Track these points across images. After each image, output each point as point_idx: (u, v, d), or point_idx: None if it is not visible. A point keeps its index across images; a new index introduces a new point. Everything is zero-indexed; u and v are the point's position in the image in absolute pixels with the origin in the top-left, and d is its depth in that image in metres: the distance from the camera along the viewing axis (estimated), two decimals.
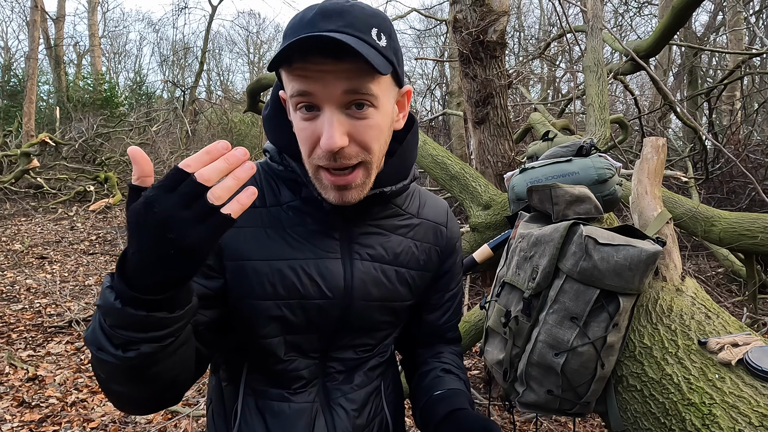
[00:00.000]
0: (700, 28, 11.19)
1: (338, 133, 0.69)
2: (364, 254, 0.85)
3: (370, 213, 0.85)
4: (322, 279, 0.81)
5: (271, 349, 0.83)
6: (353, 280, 0.83)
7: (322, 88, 0.68)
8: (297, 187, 0.81)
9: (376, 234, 0.86)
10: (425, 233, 0.93)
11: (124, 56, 25.33)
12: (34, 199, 9.50)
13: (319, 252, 0.81)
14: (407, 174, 0.87)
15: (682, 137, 8.73)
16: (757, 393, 0.81)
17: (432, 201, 0.97)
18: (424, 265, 0.93)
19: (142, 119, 13.32)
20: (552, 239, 0.98)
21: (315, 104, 0.70)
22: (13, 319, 4.16)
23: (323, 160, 0.72)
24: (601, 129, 2.68)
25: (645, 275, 0.93)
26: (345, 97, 0.69)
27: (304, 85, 0.68)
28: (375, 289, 0.86)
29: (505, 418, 2.76)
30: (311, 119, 0.71)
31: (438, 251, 0.95)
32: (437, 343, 1.05)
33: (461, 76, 3.14)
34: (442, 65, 11.23)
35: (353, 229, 0.84)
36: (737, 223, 2.59)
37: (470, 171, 2.67)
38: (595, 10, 3.12)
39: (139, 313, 0.56)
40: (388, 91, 0.75)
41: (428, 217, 0.94)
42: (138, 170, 0.56)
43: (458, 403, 0.89)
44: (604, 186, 1.40)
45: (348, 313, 0.85)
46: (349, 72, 0.68)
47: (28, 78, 11.66)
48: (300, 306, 0.81)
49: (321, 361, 0.88)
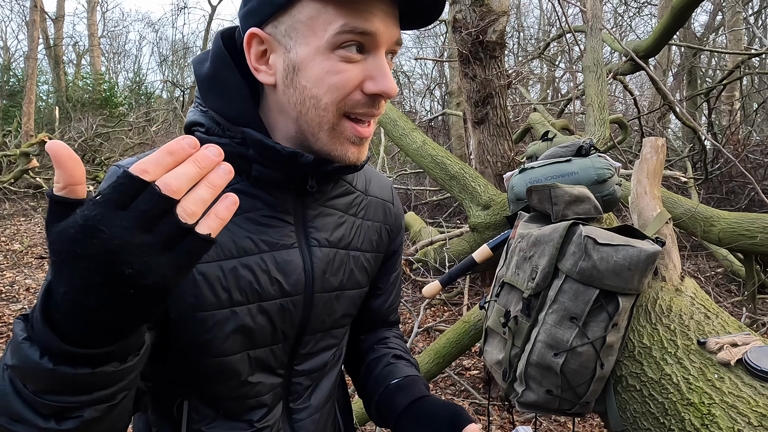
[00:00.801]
0: (700, 28, 11.21)
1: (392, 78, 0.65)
2: (321, 239, 0.75)
3: (324, 192, 0.75)
4: (281, 274, 0.70)
5: (232, 369, 0.69)
6: (313, 270, 0.73)
7: (385, 30, 0.63)
8: (244, 164, 0.67)
9: (330, 215, 0.77)
10: (375, 211, 0.85)
11: (124, 56, 25.32)
12: (34, 199, 9.50)
13: (275, 242, 0.70)
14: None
15: (682, 137, 8.73)
16: (756, 393, 0.81)
17: (377, 177, 0.89)
18: (376, 246, 0.85)
19: (141, 119, 13.32)
20: (551, 239, 0.99)
21: (368, 46, 0.63)
22: (12, 319, 4.16)
23: (361, 107, 0.65)
24: (601, 129, 2.68)
25: (644, 275, 0.93)
26: (394, 46, 0.66)
27: (370, 25, 0.61)
28: (334, 279, 0.77)
29: (505, 418, 2.76)
30: (357, 61, 0.63)
31: (388, 230, 0.87)
32: (380, 328, 0.97)
33: (461, 76, 3.14)
34: (442, 65, 11.23)
35: (307, 211, 0.74)
36: (736, 223, 2.59)
37: (470, 171, 2.67)
38: (595, 10, 3.12)
39: (81, 372, 0.43)
40: None
41: (376, 194, 0.86)
42: (64, 175, 0.40)
43: (419, 391, 0.82)
44: (603, 186, 1.40)
45: (310, 309, 0.75)
46: (396, 18, 0.65)
47: (28, 78, 11.65)
48: (260, 310, 0.69)
49: (286, 379, 0.77)
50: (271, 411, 0.75)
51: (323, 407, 0.82)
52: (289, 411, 0.78)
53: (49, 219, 0.41)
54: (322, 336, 0.79)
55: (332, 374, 0.84)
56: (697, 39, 9.71)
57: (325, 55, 0.62)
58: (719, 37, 10.38)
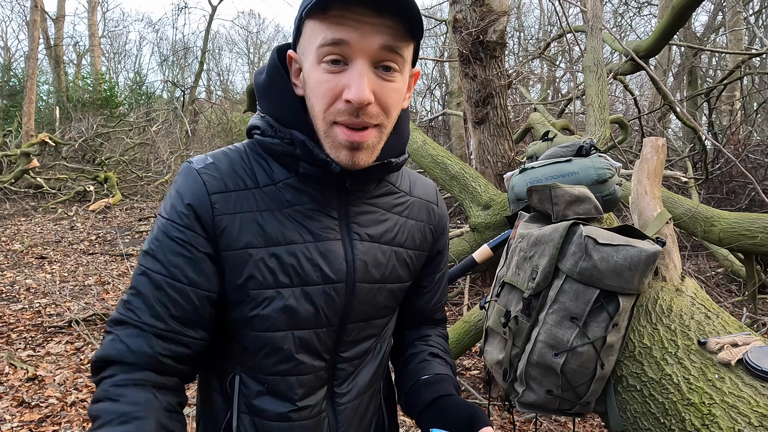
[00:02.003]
0: (700, 28, 11.20)
1: (368, 88, 0.68)
2: (363, 234, 0.81)
3: (367, 191, 0.82)
4: (324, 262, 0.77)
5: (276, 345, 0.77)
6: (355, 261, 0.80)
7: (360, 39, 0.66)
8: (292, 162, 0.76)
9: (373, 213, 0.83)
10: (419, 211, 0.90)
11: (124, 56, 25.35)
12: (34, 199, 9.50)
13: (319, 233, 0.77)
14: (404, 149, 0.84)
15: (682, 137, 8.73)
16: (756, 393, 0.81)
17: (421, 180, 0.95)
18: (420, 245, 0.90)
19: (141, 119, 13.32)
20: (552, 239, 0.98)
21: (345, 57, 0.68)
22: (12, 319, 4.16)
23: (343, 115, 0.69)
24: (601, 129, 2.68)
25: (645, 275, 0.93)
26: (379, 53, 0.68)
27: (340, 34, 0.66)
28: (376, 271, 0.83)
29: (505, 418, 2.76)
30: (337, 72, 0.68)
31: (432, 230, 0.93)
32: (425, 326, 1.03)
33: (461, 76, 3.14)
34: (442, 65, 11.23)
35: (350, 207, 0.81)
36: (737, 223, 2.59)
37: (470, 171, 2.67)
38: (595, 10, 3.12)
39: None
40: (408, 63, 0.74)
41: (420, 195, 0.92)
42: None
43: (444, 389, 0.88)
44: (603, 186, 1.40)
45: (352, 298, 0.81)
46: (387, 27, 0.67)
47: (28, 78, 11.65)
48: (303, 293, 0.76)
49: (330, 364, 0.83)
50: (314, 392, 0.81)
51: (364, 393, 0.88)
52: (332, 395, 0.84)
53: None
54: (364, 325, 0.85)
55: (374, 363, 0.90)
56: (698, 39, 9.70)
57: (314, 67, 0.70)
58: (720, 37, 10.38)
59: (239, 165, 0.77)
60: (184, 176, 0.76)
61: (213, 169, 0.75)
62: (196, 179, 0.74)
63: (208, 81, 23.86)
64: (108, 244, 6.92)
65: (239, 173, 0.76)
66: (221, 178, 0.75)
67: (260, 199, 0.76)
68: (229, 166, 0.76)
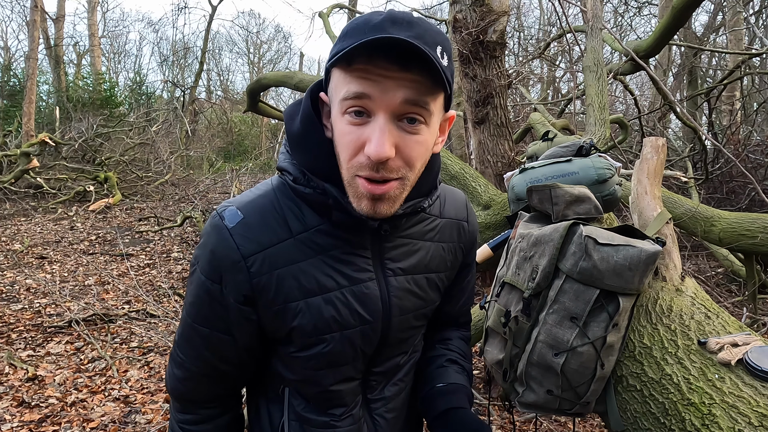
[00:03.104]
0: (700, 28, 11.20)
1: (389, 143, 0.66)
2: (396, 269, 0.83)
3: (399, 225, 0.82)
4: (361, 306, 0.79)
5: (315, 380, 0.82)
6: (390, 298, 0.82)
7: (382, 93, 0.65)
8: (325, 209, 0.76)
9: (405, 245, 0.84)
10: (450, 233, 0.91)
11: (124, 56, 25.35)
12: (34, 199, 9.50)
13: (354, 276, 0.79)
14: (435, 184, 0.84)
15: (682, 137, 8.73)
16: (756, 393, 0.81)
17: (451, 196, 0.94)
18: (450, 265, 0.92)
19: (141, 119, 13.31)
20: (552, 239, 0.98)
21: (367, 110, 0.67)
22: (12, 319, 4.16)
23: (365, 169, 0.69)
24: (601, 129, 2.68)
25: (645, 275, 0.93)
26: (402, 107, 0.67)
27: (363, 87, 0.65)
28: (409, 302, 0.85)
29: (505, 418, 2.76)
30: (360, 125, 0.68)
31: (462, 248, 0.94)
32: (449, 328, 1.05)
33: (461, 76, 3.14)
34: None
35: (384, 245, 0.82)
36: (737, 223, 2.59)
37: (470, 171, 2.67)
38: (595, 10, 3.12)
39: None
40: (439, 111, 0.73)
41: (450, 216, 0.92)
42: None
43: (457, 401, 0.90)
44: (603, 186, 1.40)
45: (388, 331, 0.84)
46: (411, 82, 0.66)
47: (28, 78, 11.65)
48: (342, 337, 0.79)
49: (363, 379, 0.88)
50: (350, 404, 0.86)
51: (397, 396, 0.92)
52: (367, 401, 0.89)
53: None
54: (398, 346, 0.89)
55: (404, 370, 0.93)
56: (698, 39, 9.70)
57: (339, 117, 0.70)
58: (720, 36, 10.38)
59: (271, 215, 0.77)
60: (216, 236, 0.75)
61: (245, 229, 0.75)
62: (229, 243, 0.74)
63: (208, 81, 23.88)
64: (108, 244, 6.92)
65: (272, 226, 0.76)
66: (254, 238, 0.75)
67: (294, 249, 0.76)
68: (261, 220, 0.76)
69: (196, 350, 0.81)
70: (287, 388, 0.86)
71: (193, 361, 0.82)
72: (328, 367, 0.81)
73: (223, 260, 0.75)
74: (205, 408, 0.86)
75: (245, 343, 0.81)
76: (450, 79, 0.69)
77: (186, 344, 0.82)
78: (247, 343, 0.81)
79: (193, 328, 0.80)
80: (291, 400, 0.86)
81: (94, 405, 2.93)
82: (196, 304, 0.79)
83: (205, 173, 13.29)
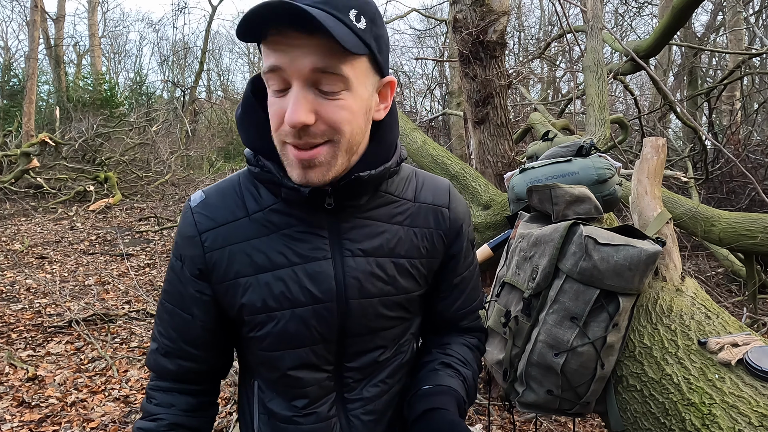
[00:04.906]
0: (700, 28, 11.20)
1: (303, 110, 0.67)
2: (355, 250, 0.81)
3: (358, 206, 0.81)
4: (312, 283, 0.79)
5: (273, 363, 0.82)
6: (345, 279, 0.80)
7: (291, 63, 0.66)
8: (276, 188, 0.78)
9: (368, 226, 0.82)
10: (425, 218, 0.87)
11: (124, 56, 25.33)
12: (34, 199, 9.50)
13: (306, 255, 0.79)
14: (388, 156, 0.80)
15: (682, 137, 8.73)
16: (756, 393, 0.81)
17: (430, 182, 0.91)
18: (427, 252, 0.87)
19: (142, 119, 13.32)
20: (552, 239, 0.98)
21: (285, 81, 0.68)
22: (12, 319, 4.16)
23: (289, 136, 0.70)
24: (601, 129, 2.68)
25: (645, 275, 0.93)
26: (313, 75, 0.66)
27: (275, 60, 0.67)
28: (372, 286, 0.82)
29: (505, 418, 2.76)
30: (282, 96, 0.69)
31: (442, 235, 0.89)
32: (450, 333, 0.99)
33: (461, 76, 3.14)
34: (442, 65, 11.23)
35: (341, 224, 0.80)
36: (737, 223, 2.59)
37: (470, 171, 2.67)
38: (595, 10, 3.12)
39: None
40: (365, 76, 0.71)
41: (426, 201, 0.88)
42: None
43: (438, 402, 0.84)
44: (604, 186, 1.40)
45: (347, 315, 0.81)
46: (319, 48, 0.65)
47: (28, 78, 11.65)
48: (294, 315, 0.79)
49: (336, 374, 0.85)
50: (320, 400, 0.85)
51: (377, 399, 0.88)
52: (343, 400, 0.87)
53: None
54: (369, 338, 0.85)
55: (387, 370, 0.89)
56: (698, 39, 9.70)
57: (269, 92, 0.72)
58: (720, 36, 10.38)
59: (231, 197, 0.81)
60: (182, 217, 0.82)
61: (204, 208, 0.81)
62: (189, 221, 0.81)
63: (208, 81, 23.88)
64: (108, 244, 6.92)
65: (229, 206, 0.81)
66: (211, 216, 0.80)
67: (249, 228, 0.80)
68: (221, 200, 0.81)
69: (164, 327, 0.86)
70: (256, 381, 0.88)
71: (162, 337, 0.86)
72: (283, 347, 0.81)
73: (184, 237, 0.81)
74: (174, 382, 0.88)
75: (205, 323, 0.83)
76: (370, 41, 0.69)
77: (158, 320, 0.87)
78: (207, 323, 0.83)
79: (162, 305, 0.86)
80: (259, 393, 0.87)
81: (94, 405, 2.93)
82: (166, 281, 0.85)
83: (205, 173, 13.30)
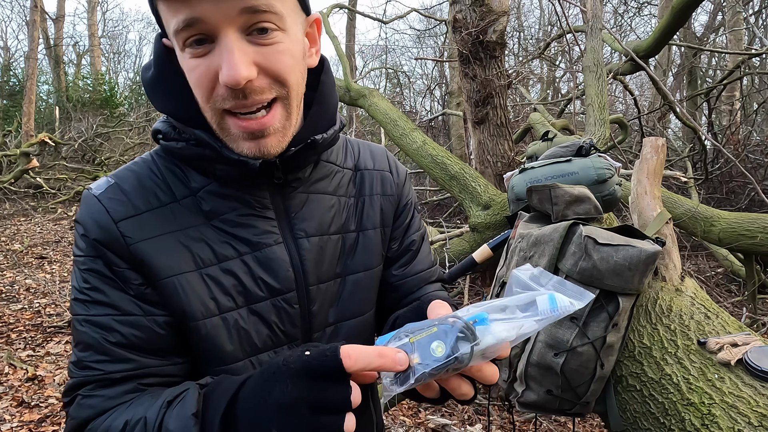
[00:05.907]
0: (700, 28, 11.20)
1: (243, 62, 0.56)
2: (309, 229, 0.71)
3: (303, 179, 0.71)
4: (267, 273, 0.67)
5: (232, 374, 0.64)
6: (303, 264, 0.70)
7: (215, 9, 0.55)
8: (209, 165, 0.65)
9: (316, 201, 0.72)
10: (371, 185, 0.80)
11: (124, 56, 25.35)
12: (34, 199, 9.50)
13: (256, 241, 0.67)
14: (333, 119, 0.72)
15: (682, 137, 8.73)
16: (756, 393, 0.81)
17: (366, 148, 0.83)
18: (381, 221, 0.80)
19: (141, 119, 13.30)
20: (551, 239, 0.98)
21: (207, 34, 0.56)
22: (12, 319, 4.16)
23: (228, 101, 0.58)
24: (601, 129, 2.68)
25: (644, 275, 0.93)
26: (244, 17, 0.56)
27: (191, 11, 0.55)
28: (332, 266, 0.73)
29: (505, 418, 2.76)
30: (205, 54, 0.57)
31: (391, 200, 0.82)
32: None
33: (461, 76, 3.14)
34: (442, 65, 11.23)
35: (288, 203, 0.70)
36: (737, 223, 2.59)
37: (470, 171, 2.67)
38: (595, 11, 3.12)
39: None
40: (294, 13, 0.62)
41: (369, 167, 0.81)
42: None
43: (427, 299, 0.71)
44: (603, 186, 1.40)
45: (309, 304, 0.71)
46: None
47: (28, 78, 11.66)
48: (251, 312, 0.67)
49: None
50: None
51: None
52: None
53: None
54: (340, 327, 0.75)
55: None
56: (698, 39, 9.71)
57: (182, 55, 0.60)
58: (719, 37, 10.38)
59: (149, 179, 0.66)
60: (84, 206, 0.64)
61: (116, 192, 0.64)
62: (97, 208, 0.63)
63: None
64: None
65: (150, 189, 0.65)
66: (128, 201, 0.64)
67: (180, 215, 0.65)
68: (137, 183, 0.65)
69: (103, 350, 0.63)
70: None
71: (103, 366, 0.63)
72: (245, 355, 0.67)
73: (92, 230, 0.62)
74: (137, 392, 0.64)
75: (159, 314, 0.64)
76: None
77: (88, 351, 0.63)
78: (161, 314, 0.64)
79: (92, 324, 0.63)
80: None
81: None
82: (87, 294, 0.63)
83: None
